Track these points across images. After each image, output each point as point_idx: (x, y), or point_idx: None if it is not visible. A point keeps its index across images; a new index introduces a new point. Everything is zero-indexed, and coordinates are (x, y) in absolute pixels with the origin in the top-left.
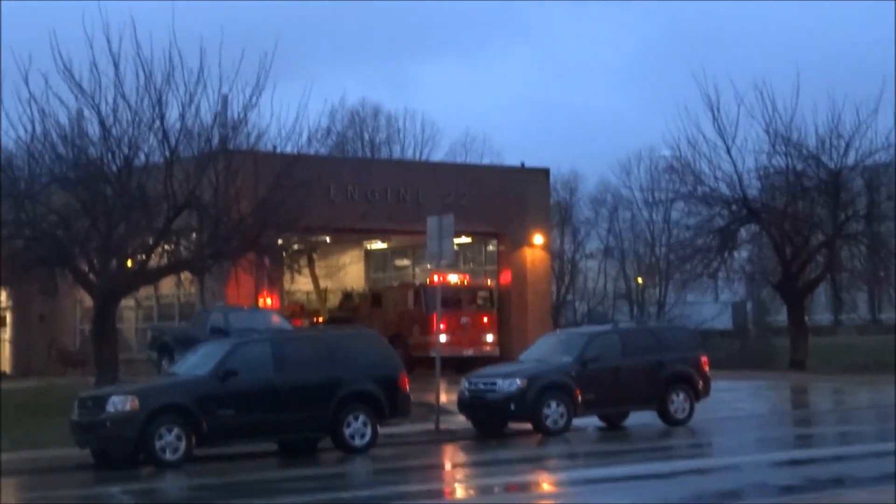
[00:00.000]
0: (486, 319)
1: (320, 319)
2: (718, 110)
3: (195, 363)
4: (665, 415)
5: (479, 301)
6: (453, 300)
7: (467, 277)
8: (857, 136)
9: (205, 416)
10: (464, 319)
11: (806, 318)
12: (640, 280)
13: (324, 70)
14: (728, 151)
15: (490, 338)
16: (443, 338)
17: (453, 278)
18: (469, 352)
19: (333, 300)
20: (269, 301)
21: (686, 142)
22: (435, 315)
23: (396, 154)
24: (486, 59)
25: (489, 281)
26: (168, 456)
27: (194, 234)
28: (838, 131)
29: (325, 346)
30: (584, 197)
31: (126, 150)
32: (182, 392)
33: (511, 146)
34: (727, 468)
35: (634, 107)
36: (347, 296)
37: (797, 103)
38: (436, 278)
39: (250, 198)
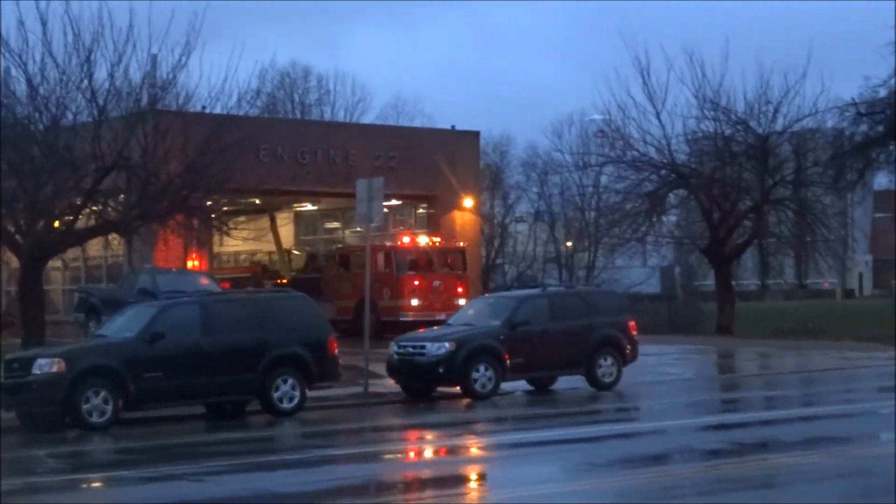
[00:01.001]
0: (458, 282)
1: (284, 281)
2: (648, 75)
3: (123, 325)
4: (593, 379)
5: (451, 263)
6: (425, 262)
7: (440, 238)
8: (786, 102)
9: (132, 378)
10: (436, 282)
11: (733, 283)
12: (569, 244)
13: (254, 32)
14: (657, 116)
15: (463, 301)
16: (415, 301)
17: (423, 240)
18: (441, 315)
19: (298, 262)
20: (197, 263)
21: (616, 106)
22: (403, 277)
23: (327, 116)
24: (416, 23)
25: (461, 243)
26: (95, 419)
27: (122, 195)
28: (766, 97)
29: (253, 308)
30: (514, 160)
31: (53, 110)
32: (109, 354)
33: (442, 109)
34: (654, 432)
35: (566, 71)
36: (312, 257)
37: (726, 68)
38: (406, 239)
39: (179, 159)
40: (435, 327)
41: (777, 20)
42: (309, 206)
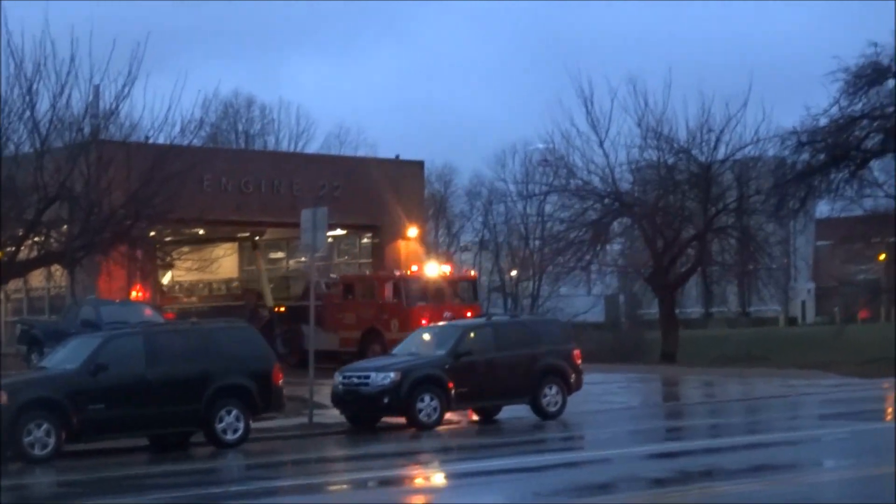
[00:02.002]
0: (469, 314)
1: (282, 309)
2: (592, 104)
3: (65, 357)
4: (538, 408)
5: (461, 293)
6: (434, 292)
7: (450, 267)
8: (727, 131)
9: (75, 410)
10: (446, 314)
11: (677, 311)
12: (514, 273)
13: (197, 62)
14: (601, 145)
15: None
16: None
17: (433, 269)
18: None
19: (296, 288)
20: (140, 294)
21: (559, 135)
22: (413, 309)
23: (271, 146)
24: (358, 54)
25: (472, 272)
26: (37, 451)
27: (65, 226)
28: (708, 125)
29: (197, 339)
30: (458, 190)
31: None
32: (52, 386)
33: (386, 139)
34: (599, 461)
35: (509, 101)
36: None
37: (669, 97)
38: (415, 268)
39: (122, 189)
40: (380, 357)
41: (719, 49)
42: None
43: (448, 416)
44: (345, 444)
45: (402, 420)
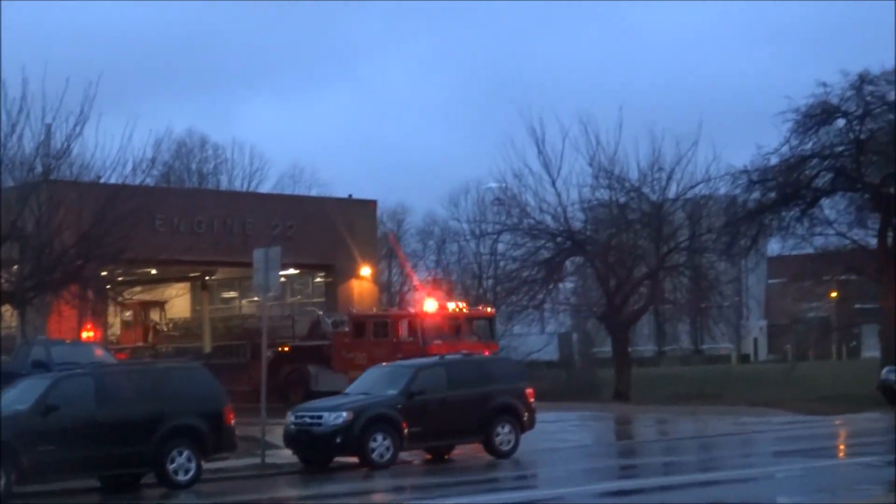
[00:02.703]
0: (487, 353)
1: (286, 349)
2: (544, 143)
3: (15, 398)
4: (491, 447)
5: (479, 330)
6: (452, 330)
7: (466, 304)
8: (678, 170)
9: (25, 452)
10: (464, 353)
11: (630, 349)
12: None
13: (150, 102)
14: (553, 184)
15: None
16: None
17: (450, 305)
18: None
19: (301, 328)
20: (92, 334)
21: (512, 174)
22: (430, 348)
23: (224, 185)
24: (311, 95)
25: (489, 309)
26: None
27: (16, 266)
28: (659, 164)
29: (149, 379)
30: (411, 229)
31: None
32: (2, 427)
33: (339, 179)
34: (552, 499)
35: (461, 140)
36: (316, 323)
37: (620, 137)
38: (432, 305)
39: (74, 229)
40: (333, 397)
41: (670, 89)
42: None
43: (401, 455)
44: (297, 485)
45: (354, 460)
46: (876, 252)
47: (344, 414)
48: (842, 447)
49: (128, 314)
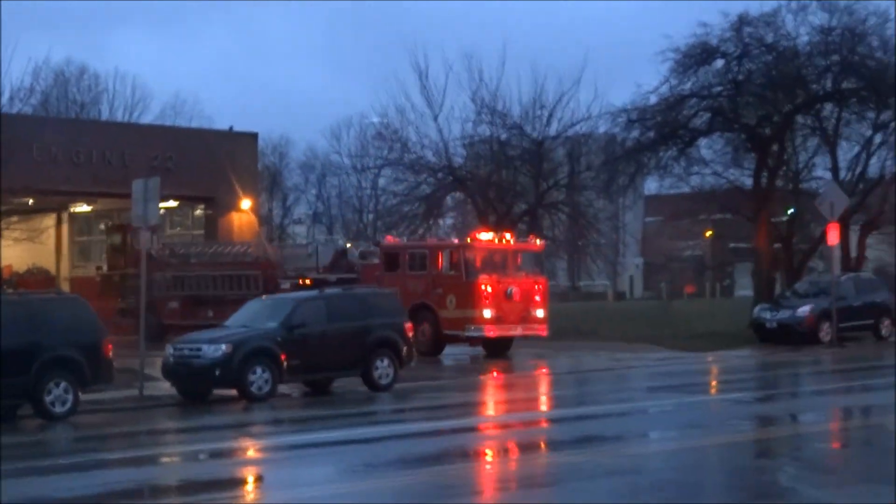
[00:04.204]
0: (535, 288)
1: (308, 281)
2: (427, 78)
3: None
4: (370, 380)
5: (526, 264)
6: (498, 264)
7: (512, 235)
8: (560, 108)
9: None
10: (511, 289)
11: None
12: (348, 246)
13: (27, 30)
14: (435, 119)
15: (540, 312)
16: (488, 312)
17: (486, 236)
18: (517, 330)
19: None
20: None
21: (394, 109)
22: (474, 283)
23: (105, 116)
24: (191, 26)
25: (537, 241)
26: None
27: None
28: (541, 102)
29: (24, 311)
30: (293, 163)
31: None
32: None
33: (221, 111)
34: (429, 433)
35: (345, 76)
36: (341, 253)
37: (503, 73)
38: (479, 236)
39: None
40: (211, 329)
41: (554, 28)
42: (84, 207)
43: (281, 388)
44: (176, 417)
45: (233, 392)
46: (751, 192)
47: (223, 346)
48: (714, 383)
49: (116, 238)
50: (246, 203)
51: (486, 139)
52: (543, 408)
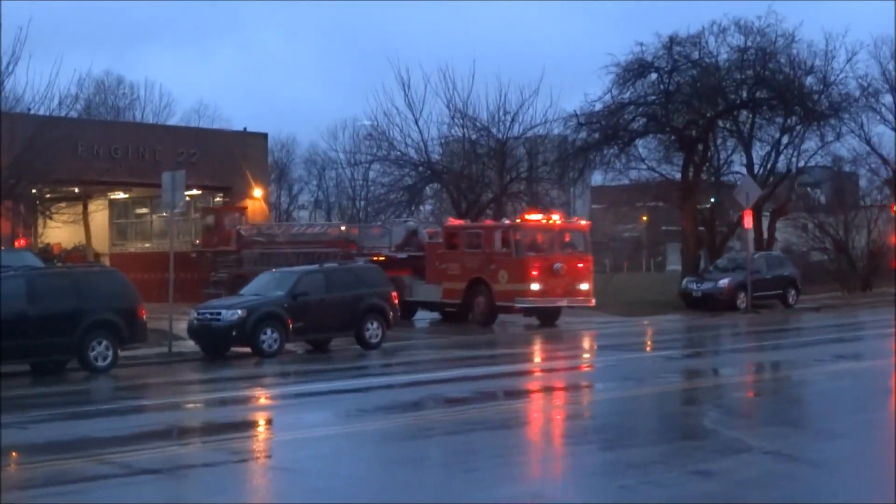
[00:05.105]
0: (580, 265)
1: (381, 258)
2: (409, 88)
3: None
4: (362, 340)
5: (573, 242)
6: (546, 242)
7: (560, 216)
8: (521, 113)
9: None
10: (557, 265)
11: None
12: (343, 228)
13: (73, 46)
14: (416, 122)
15: (584, 286)
16: (535, 286)
17: (540, 218)
18: (563, 302)
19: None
20: (24, 243)
21: (382, 113)
22: (524, 259)
23: (138, 118)
24: (210, 46)
25: (583, 221)
26: None
27: None
28: (505, 108)
29: (71, 281)
30: (297, 158)
31: None
32: None
33: (237, 116)
34: (411, 384)
35: (342, 86)
36: (412, 233)
37: (473, 84)
38: (529, 217)
39: (7, 154)
40: (229, 297)
41: (515, 46)
42: (121, 195)
43: (287, 346)
44: (199, 370)
45: (247, 350)
46: (679, 184)
47: (239, 311)
48: (648, 343)
49: (210, 219)
50: (258, 192)
51: (459, 139)
52: (504, 363)
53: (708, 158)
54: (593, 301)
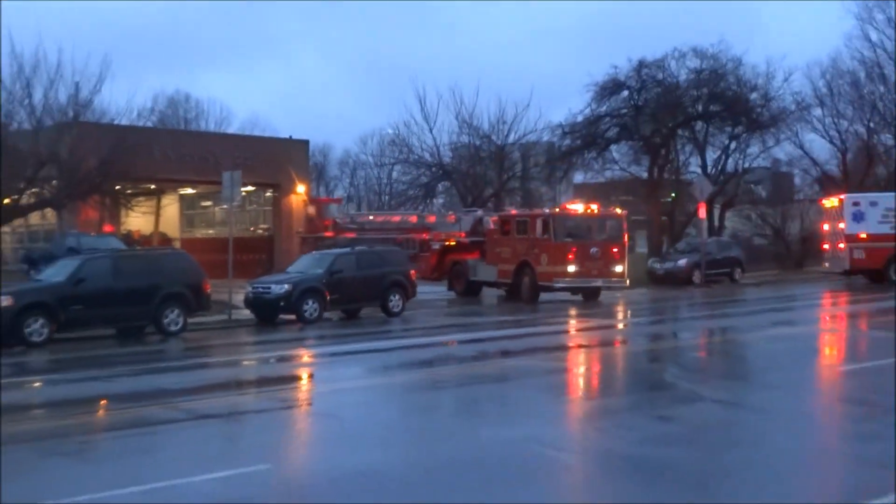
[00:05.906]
0: (615, 249)
1: (453, 242)
2: (425, 103)
3: (55, 273)
4: (386, 309)
5: (609, 230)
6: (584, 229)
7: (597, 206)
8: (516, 123)
9: (62, 310)
10: (593, 249)
11: None
12: (371, 218)
13: (150, 70)
14: (430, 131)
15: (619, 268)
16: (571, 268)
17: (578, 207)
18: (598, 282)
19: (466, 225)
20: (111, 229)
21: (403, 124)
22: (562, 244)
23: (202, 128)
24: (255, 64)
25: (619, 209)
26: (35, 339)
27: (54, 182)
28: (503, 119)
29: (148, 261)
30: (333, 160)
31: (2, 120)
32: (46, 293)
33: (284, 125)
34: (427, 345)
35: (371, 102)
36: (478, 222)
37: (477, 100)
38: (569, 206)
39: (95, 156)
40: (278, 274)
41: (510, 68)
42: (189, 190)
43: (325, 314)
44: (253, 334)
45: (293, 317)
46: (645, 181)
47: (286, 286)
48: (621, 312)
49: (311, 209)
50: (300, 188)
51: (465, 145)
52: (501, 328)
53: (669, 161)
54: (628, 281)
